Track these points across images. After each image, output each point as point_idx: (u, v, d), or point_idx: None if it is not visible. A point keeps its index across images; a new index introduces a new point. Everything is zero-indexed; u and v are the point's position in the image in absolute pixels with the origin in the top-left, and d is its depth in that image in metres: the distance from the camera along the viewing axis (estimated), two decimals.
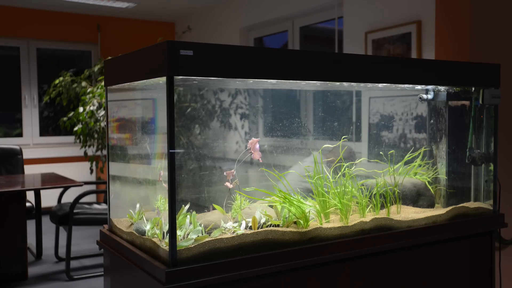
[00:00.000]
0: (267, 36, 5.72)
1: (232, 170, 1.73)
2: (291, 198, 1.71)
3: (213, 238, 1.50)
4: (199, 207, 1.81)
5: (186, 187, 2.02)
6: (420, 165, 2.18)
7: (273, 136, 2.42)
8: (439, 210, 2.02)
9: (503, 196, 2.31)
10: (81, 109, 4.80)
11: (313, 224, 1.72)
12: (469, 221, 2.03)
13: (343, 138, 2.04)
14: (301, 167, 1.98)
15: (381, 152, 2.14)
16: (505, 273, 2.51)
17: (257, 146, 1.68)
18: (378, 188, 1.92)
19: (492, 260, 2.13)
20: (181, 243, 1.45)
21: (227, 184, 1.74)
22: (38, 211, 4.39)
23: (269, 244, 1.57)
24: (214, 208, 1.81)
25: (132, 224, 1.78)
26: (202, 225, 1.58)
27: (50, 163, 6.34)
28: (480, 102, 2.09)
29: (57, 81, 5.42)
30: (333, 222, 1.78)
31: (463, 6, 2.50)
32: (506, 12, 2.65)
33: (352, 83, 1.99)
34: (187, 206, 1.64)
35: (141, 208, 1.82)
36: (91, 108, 4.73)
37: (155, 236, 1.58)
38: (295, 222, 1.69)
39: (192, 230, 1.53)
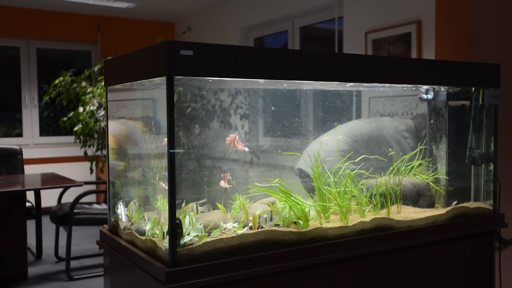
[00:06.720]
0: (267, 36, 5.72)
1: (227, 174, 1.74)
2: (292, 197, 1.71)
3: (213, 238, 1.50)
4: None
5: (186, 187, 2.02)
6: (420, 164, 2.18)
7: (273, 136, 2.42)
8: (439, 210, 2.02)
9: (503, 196, 2.31)
10: (81, 109, 4.80)
11: (313, 224, 1.72)
12: (469, 221, 2.03)
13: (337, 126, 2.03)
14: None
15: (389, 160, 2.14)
16: (505, 273, 2.51)
17: (237, 138, 1.71)
18: (378, 188, 1.92)
19: (492, 260, 2.13)
20: (182, 240, 1.45)
21: (223, 184, 1.74)
22: (38, 211, 4.39)
23: (269, 244, 1.58)
24: (213, 208, 1.81)
25: (132, 224, 1.78)
26: (202, 224, 1.58)
27: (50, 163, 6.33)
28: (480, 102, 2.09)
29: (57, 81, 5.42)
30: (333, 222, 1.78)
31: (463, 6, 2.50)
32: (506, 12, 2.65)
33: (352, 83, 1.99)
34: (184, 205, 1.65)
35: (141, 208, 1.82)
36: (91, 108, 4.73)
37: (155, 236, 1.58)
38: (295, 222, 1.69)
39: (192, 229, 1.53)
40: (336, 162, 1.98)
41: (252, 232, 1.56)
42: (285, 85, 1.95)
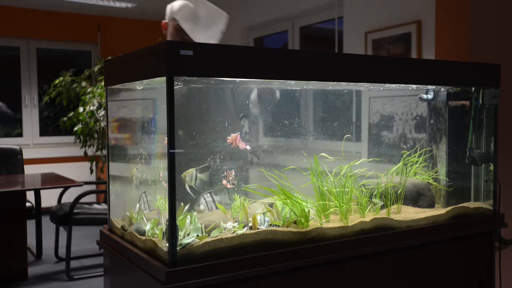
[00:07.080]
0: (267, 36, 5.72)
1: (231, 171, 1.74)
2: (293, 196, 1.71)
3: (213, 238, 1.50)
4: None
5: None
6: (420, 164, 2.18)
7: (273, 136, 2.42)
8: (439, 210, 2.02)
9: (503, 196, 2.31)
10: (81, 109, 4.81)
11: (313, 224, 1.72)
12: (469, 221, 2.03)
13: (346, 137, 2.04)
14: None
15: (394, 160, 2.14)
16: (505, 273, 2.51)
17: (239, 137, 1.72)
18: (378, 188, 1.92)
19: (492, 260, 2.13)
20: (184, 241, 1.45)
21: (225, 183, 1.74)
22: (38, 211, 4.39)
23: (269, 244, 1.57)
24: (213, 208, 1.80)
25: (132, 224, 1.78)
26: (203, 224, 1.58)
27: (50, 163, 6.34)
28: (480, 102, 2.09)
29: (57, 81, 5.43)
30: (333, 222, 1.78)
31: (463, 6, 2.50)
32: (505, 12, 2.65)
33: (352, 83, 1.99)
34: (187, 206, 1.64)
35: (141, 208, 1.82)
36: (91, 108, 4.73)
37: (155, 236, 1.58)
38: (295, 222, 1.69)
39: (192, 229, 1.53)
40: (337, 163, 1.98)
41: (252, 232, 1.56)
42: (287, 83, 1.95)
